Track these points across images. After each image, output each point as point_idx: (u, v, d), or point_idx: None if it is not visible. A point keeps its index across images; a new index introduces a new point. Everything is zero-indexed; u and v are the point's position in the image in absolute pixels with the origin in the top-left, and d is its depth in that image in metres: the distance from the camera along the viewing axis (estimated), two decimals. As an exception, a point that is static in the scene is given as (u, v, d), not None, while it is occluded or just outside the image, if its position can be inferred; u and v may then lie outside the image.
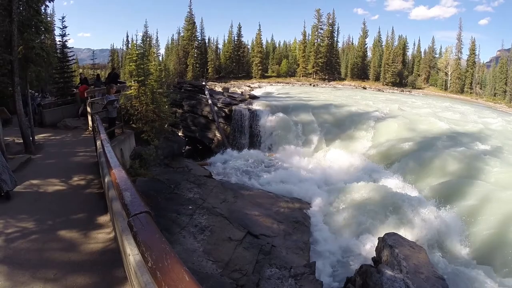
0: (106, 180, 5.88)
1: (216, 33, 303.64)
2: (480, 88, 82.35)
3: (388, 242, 9.13)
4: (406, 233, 11.63)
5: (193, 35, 74.58)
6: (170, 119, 19.78)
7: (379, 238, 9.81)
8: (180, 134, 27.37)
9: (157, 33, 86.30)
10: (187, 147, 26.26)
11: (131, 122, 16.37)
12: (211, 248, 8.54)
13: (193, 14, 74.60)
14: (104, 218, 6.84)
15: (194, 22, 75.00)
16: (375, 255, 9.70)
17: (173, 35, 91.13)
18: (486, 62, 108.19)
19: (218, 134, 26.20)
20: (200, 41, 76.87)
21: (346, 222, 13.00)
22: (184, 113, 29.33)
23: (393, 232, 10.02)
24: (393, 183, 16.67)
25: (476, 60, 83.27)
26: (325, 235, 12.06)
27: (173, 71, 68.09)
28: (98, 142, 9.01)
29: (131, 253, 2.93)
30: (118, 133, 13.84)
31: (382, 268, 7.94)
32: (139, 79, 16.25)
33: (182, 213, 9.80)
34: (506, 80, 74.80)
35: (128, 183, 3.85)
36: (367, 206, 13.59)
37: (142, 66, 16.27)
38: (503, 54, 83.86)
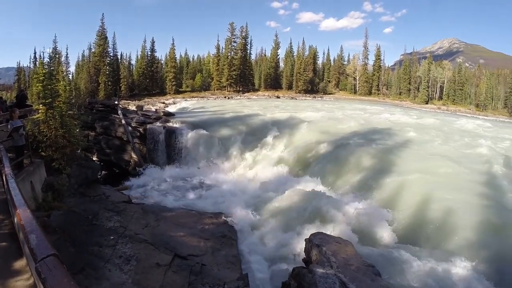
0: (15, 221, 5.39)
1: (129, 49, 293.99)
2: (387, 89, 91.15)
3: (315, 242, 9.39)
4: (332, 231, 12.14)
5: (105, 51, 70.55)
6: (82, 143, 18.52)
7: (305, 240, 10.07)
8: (94, 158, 25.81)
9: (67, 49, 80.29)
10: (102, 172, 24.92)
11: (40, 150, 14.78)
12: (140, 278, 8.20)
13: (105, 29, 70.57)
14: (20, 263, 6.18)
15: (106, 37, 70.98)
16: (305, 256, 9.93)
17: (84, 51, 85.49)
18: (391, 66, 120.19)
19: (134, 156, 25.18)
20: (112, 57, 73.13)
21: (273, 229, 13.21)
22: (97, 136, 27.81)
23: (318, 232, 10.36)
24: (313, 185, 17.30)
25: (381, 64, 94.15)
26: (254, 245, 12.16)
27: (84, 90, 63.07)
28: (4, 177, 8.21)
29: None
30: (27, 163, 12.69)
31: (313, 267, 8.13)
32: (47, 101, 14.72)
33: (104, 245, 9.26)
34: (410, 80, 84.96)
35: (33, 224, 3.59)
36: (291, 211, 13.97)
37: (49, 86, 14.83)
38: (405, 57, 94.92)
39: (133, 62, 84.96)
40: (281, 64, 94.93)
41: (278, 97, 78.09)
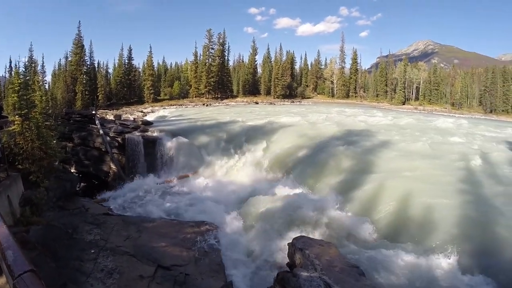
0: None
1: (106, 57, 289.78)
2: (364, 91, 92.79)
3: (298, 246, 9.45)
4: (314, 234, 12.29)
5: (82, 59, 68.80)
6: (60, 155, 18.07)
7: (288, 244, 10.12)
8: (72, 170, 25.35)
9: (43, 58, 78.31)
10: (81, 184, 24.51)
11: (17, 163, 14.39)
12: (123, 291, 8.07)
13: (81, 37, 69.10)
14: (1, 281, 6.08)
15: (83, 45, 69.43)
16: (289, 261, 9.97)
17: (60, 60, 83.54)
18: (368, 68, 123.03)
19: (113, 166, 24.82)
20: (89, 66, 71.45)
21: (256, 235, 13.23)
22: (75, 147, 27.34)
23: (300, 235, 10.43)
24: (294, 189, 17.45)
25: (358, 67, 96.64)
26: (237, 252, 12.12)
27: (60, 100, 61.02)
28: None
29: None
30: (3, 177, 12.36)
31: (297, 271, 8.17)
32: (22, 112, 14.36)
33: (85, 259, 9.09)
34: (386, 82, 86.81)
35: (10, 240, 3.54)
36: (273, 216, 13.98)
37: (25, 97, 14.34)
38: (382, 60, 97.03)
39: (110, 70, 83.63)
40: (259, 70, 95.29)
41: (256, 103, 78.24)
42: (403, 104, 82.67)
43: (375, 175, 17.38)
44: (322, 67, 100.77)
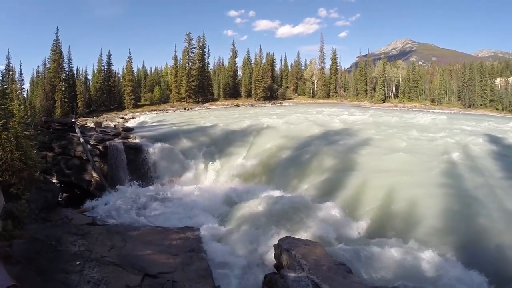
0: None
1: (85, 63, 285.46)
2: (344, 91, 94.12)
3: (284, 246, 9.52)
4: (300, 234, 12.33)
5: (60, 66, 67.13)
6: (40, 165, 17.69)
7: (274, 245, 10.17)
8: (54, 180, 24.66)
9: (20, 66, 76.53)
10: (63, 194, 24.07)
11: None
12: (111, 301, 7.99)
13: (60, 42, 67.23)
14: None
15: (61, 52, 67.79)
16: (276, 262, 10.01)
17: (38, 67, 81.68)
18: (347, 68, 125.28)
19: (95, 175, 24.35)
20: (68, 73, 69.94)
21: (241, 238, 13.20)
22: (56, 156, 26.70)
23: (286, 236, 10.50)
24: (278, 190, 17.58)
25: (338, 67, 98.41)
26: (224, 256, 12.05)
27: (39, 108, 59.24)
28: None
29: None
30: (-16, 190, 12.09)
31: (285, 272, 8.23)
32: (0, 122, 14.07)
33: (71, 271, 8.93)
34: (366, 81, 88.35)
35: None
36: (258, 218, 14.00)
37: (2, 106, 13.98)
38: (361, 60, 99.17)
39: (89, 76, 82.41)
40: (240, 73, 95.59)
41: (237, 105, 78.46)
42: (383, 102, 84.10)
43: (357, 173, 17.60)
44: (302, 68, 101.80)
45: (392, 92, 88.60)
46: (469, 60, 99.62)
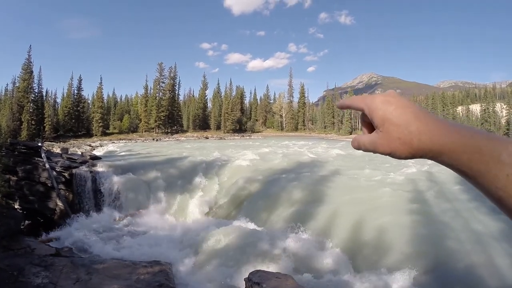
0: None
1: (55, 85, 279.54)
2: (312, 124, 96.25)
3: (254, 280, 9.38)
4: (271, 267, 12.19)
5: (30, 86, 66.03)
6: (3, 189, 17.11)
7: (245, 279, 10.04)
8: (16, 206, 23.73)
9: None
10: (26, 221, 23.05)
11: None
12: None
13: (31, 62, 66.09)
14: None
15: (32, 71, 66.64)
16: (247, 297, 9.85)
17: (7, 85, 79.52)
18: (315, 102, 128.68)
19: (59, 203, 23.54)
20: (37, 94, 68.61)
21: (211, 272, 12.94)
22: (19, 181, 25.59)
23: (256, 270, 10.36)
24: (247, 223, 17.34)
25: (306, 101, 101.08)
26: (194, 292, 11.85)
27: (5, 128, 57.25)
28: None
29: None
30: None
31: (256, 306, 8.11)
32: None
33: (33, 304, 8.53)
34: (333, 113, 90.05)
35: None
36: (227, 252, 13.79)
37: None
38: (328, 93, 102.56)
39: (58, 100, 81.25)
40: (209, 105, 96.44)
41: (207, 137, 78.42)
42: (351, 133, 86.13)
43: (327, 204, 17.69)
44: (271, 101, 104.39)
45: (359, 124, 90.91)
46: (431, 91, 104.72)
